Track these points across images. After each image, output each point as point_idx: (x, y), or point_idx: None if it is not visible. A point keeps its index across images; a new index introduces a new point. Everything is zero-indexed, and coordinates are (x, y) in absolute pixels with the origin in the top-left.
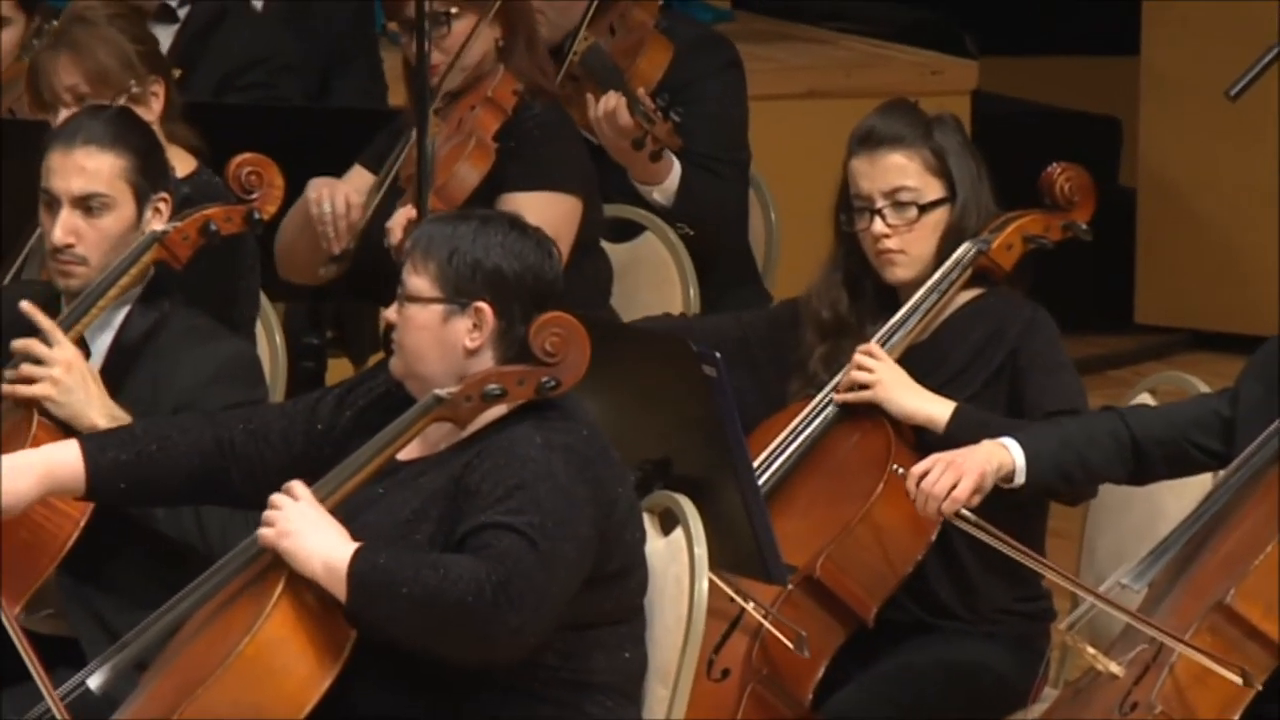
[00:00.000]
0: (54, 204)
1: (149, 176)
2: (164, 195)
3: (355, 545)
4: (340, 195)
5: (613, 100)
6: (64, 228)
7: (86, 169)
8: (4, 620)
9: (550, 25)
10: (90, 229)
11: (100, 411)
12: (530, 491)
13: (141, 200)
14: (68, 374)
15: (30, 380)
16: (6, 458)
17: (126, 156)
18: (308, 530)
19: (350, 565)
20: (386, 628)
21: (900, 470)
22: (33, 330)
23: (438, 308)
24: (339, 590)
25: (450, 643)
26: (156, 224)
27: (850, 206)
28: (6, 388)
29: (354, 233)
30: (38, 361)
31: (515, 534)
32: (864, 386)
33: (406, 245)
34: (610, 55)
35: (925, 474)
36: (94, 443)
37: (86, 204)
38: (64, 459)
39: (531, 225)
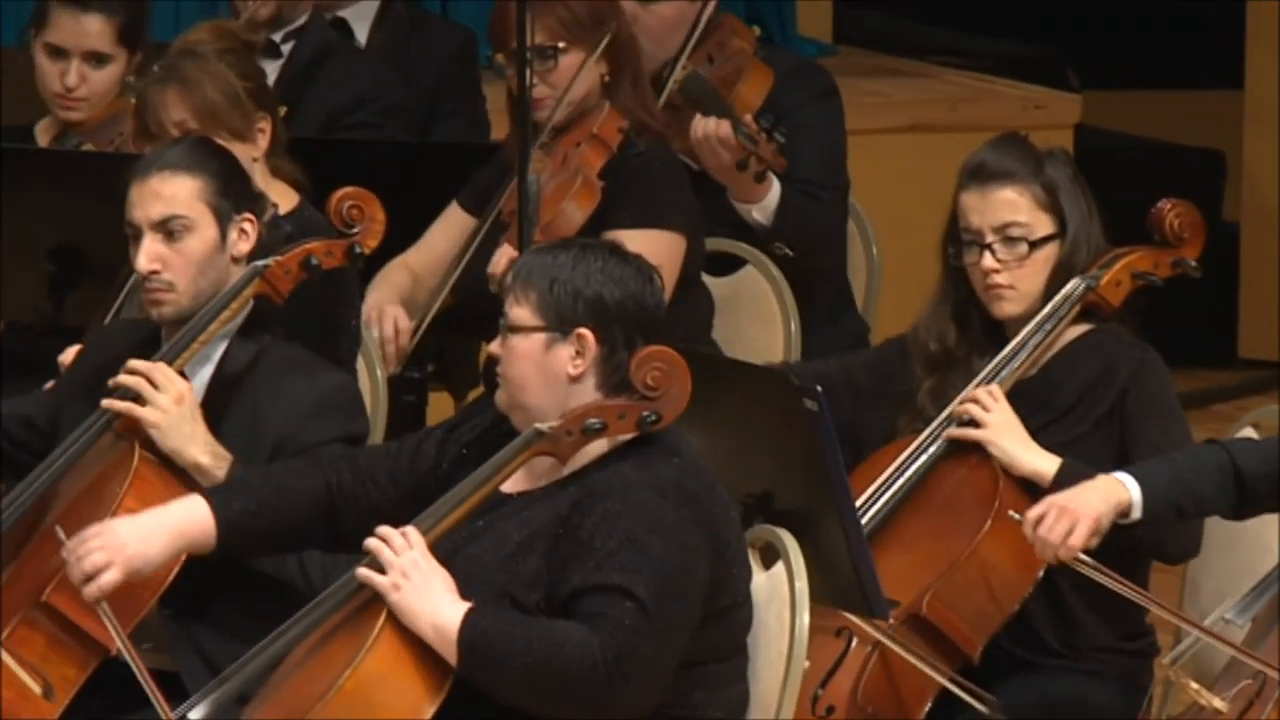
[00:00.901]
0: (138, 235)
1: (229, 197)
2: (248, 217)
3: (465, 608)
4: (390, 320)
5: (714, 122)
6: (147, 255)
7: (163, 194)
8: (125, 653)
9: (647, 57)
10: (174, 254)
11: (203, 448)
12: (642, 546)
13: (223, 221)
14: (177, 406)
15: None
16: (133, 523)
17: (202, 178)
18: (419, 586)
19: (460, 631)
20: (495, 694)
21: (1016, 517)
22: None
23: (540, 336)
24: (449, 654)
25: (561, 711)
26: (243, 245)
27: (959, 240)
28: (118, 410)
29: (403, 356)
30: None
31: (629, 600)
32: (975, 423)
33: (508, 278)
34: (710, 82)
35: (1041, 519)
36: (218, 496)
37: (167, 228)
38: (193, 516)
39: (632, 253)
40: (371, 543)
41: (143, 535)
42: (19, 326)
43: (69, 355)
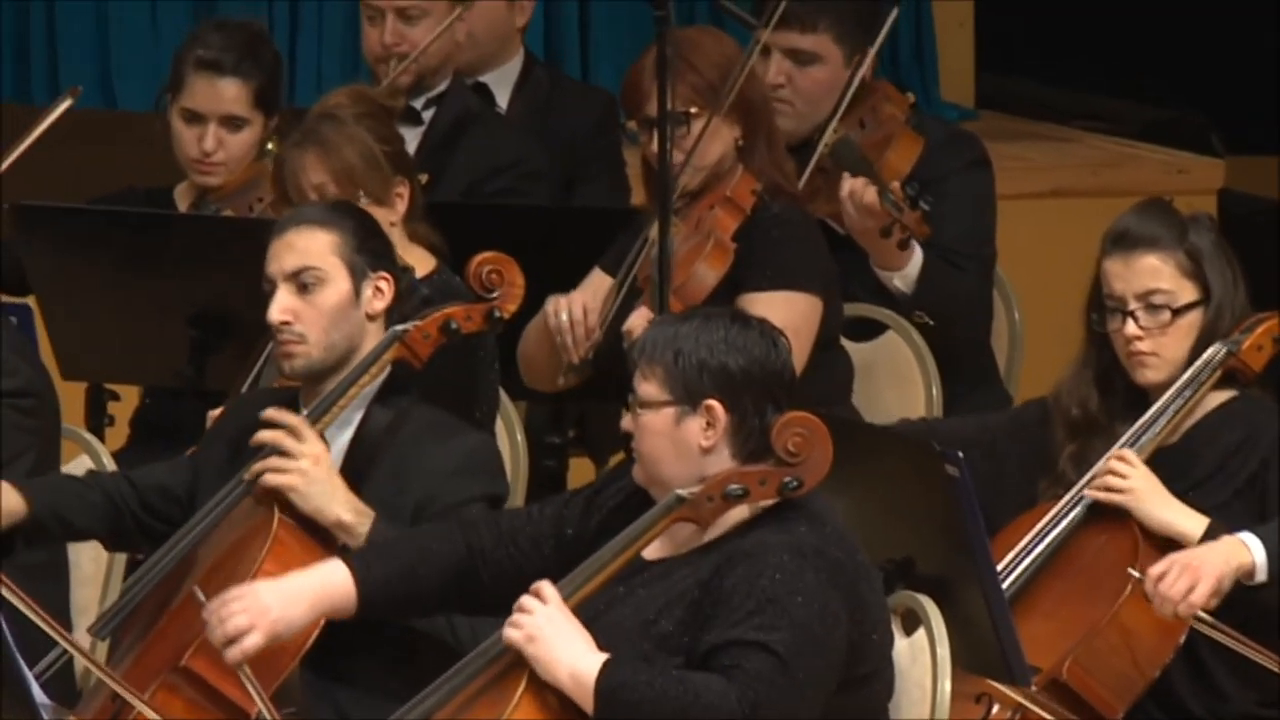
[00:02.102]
0: (273, 287)
1: (364, 253)
2: (384, 275)
3: (602, 657)
4: (578, 304)
5: (860, 184)
6: (280, 306)
7: (297, 246)
8: (267, 717)
9: (799, 118)
10: (306, 306)
11: (344, 505)
12: (782, 606)
13: (357, 277)
14: (315, 466)
15: (279, 471)
16: (276, 587)
17: (338, 232)
18: (556, 637)
19: (598, 680)
20: None
21: (1136, 574)
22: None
23: (669, 410)
24: (585, 703)
25: None
26: (377, 303)
27: (1102, 306)
28: (261, 473)
29: (592, 341)
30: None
31: (767, 653)
32: (1116, 489)
33: (633, 352)
34: (860, 148)
35: (1163, 576)
36: (359, 560)
37: (300, 280)
38: (334, 580)
39: (755, 317)
40: (515, 616)
41: (285, 599)
42: (160, 391)
43: (212, 418)
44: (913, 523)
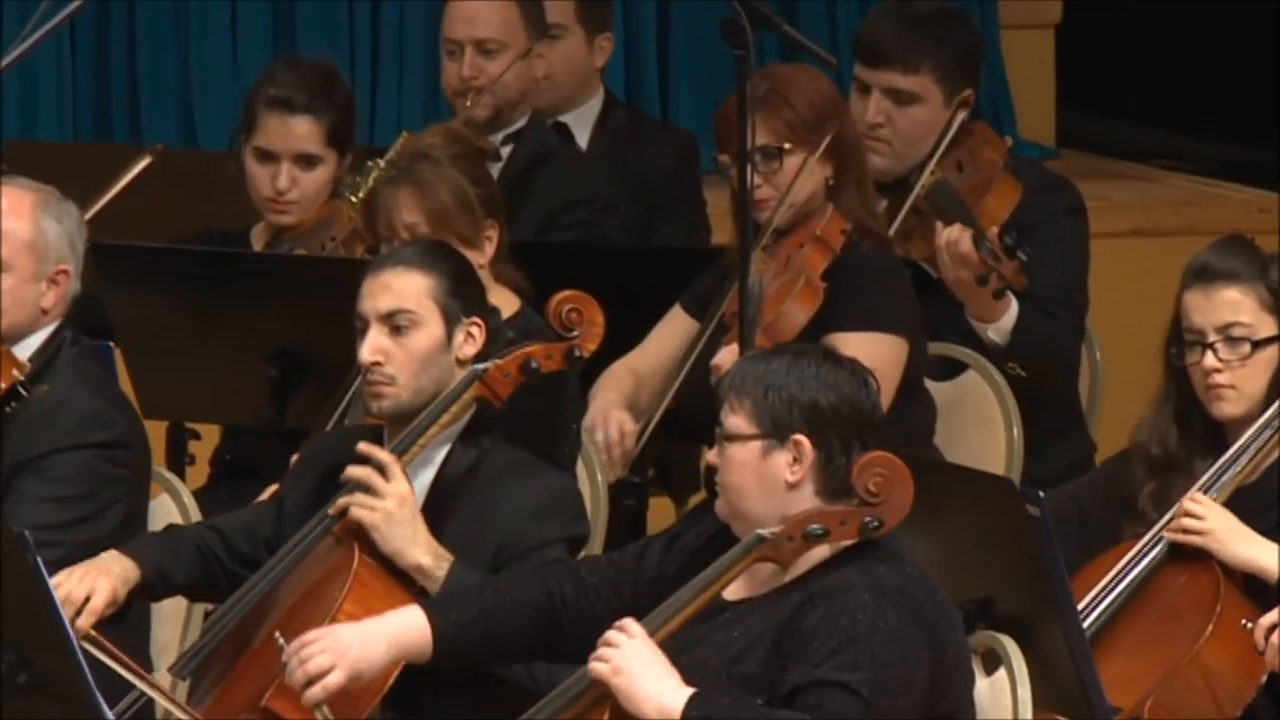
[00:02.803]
0: (365, 327)
1: (458, 298)
2: (476, 320)
3: (689, 691)
4: (614, 424)
5: (956, 231)
6: (371, 347)
7: (393, 287)
8: None
9: (896, 158)
10: (398, 348)
11: (424, 549)
12: (864, 646)
13: (450, 321)
14: (400, 508)
15: (365, 508)
16: (356, 628)
17: (434, 276)
18: (642, 671)
19: (684, 713)
20: None
21: (1248, 624)
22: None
23: (756, 444)
24: None
25: None
26: (468, 349)
27: (1182, 340)
28: (346, 508)
29: (628, 461)
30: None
31: (849, 694)
32: (1194, 531)
33: (723, 385)
34: (958, 191)
35: (1275, 626)
36: (438, 607)
37: (393, 321)
38: (411, 625)
39: (846, 356)
40: (602, 650)
41: (365, 639)
42: (240, 430)
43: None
44: (993, 562)
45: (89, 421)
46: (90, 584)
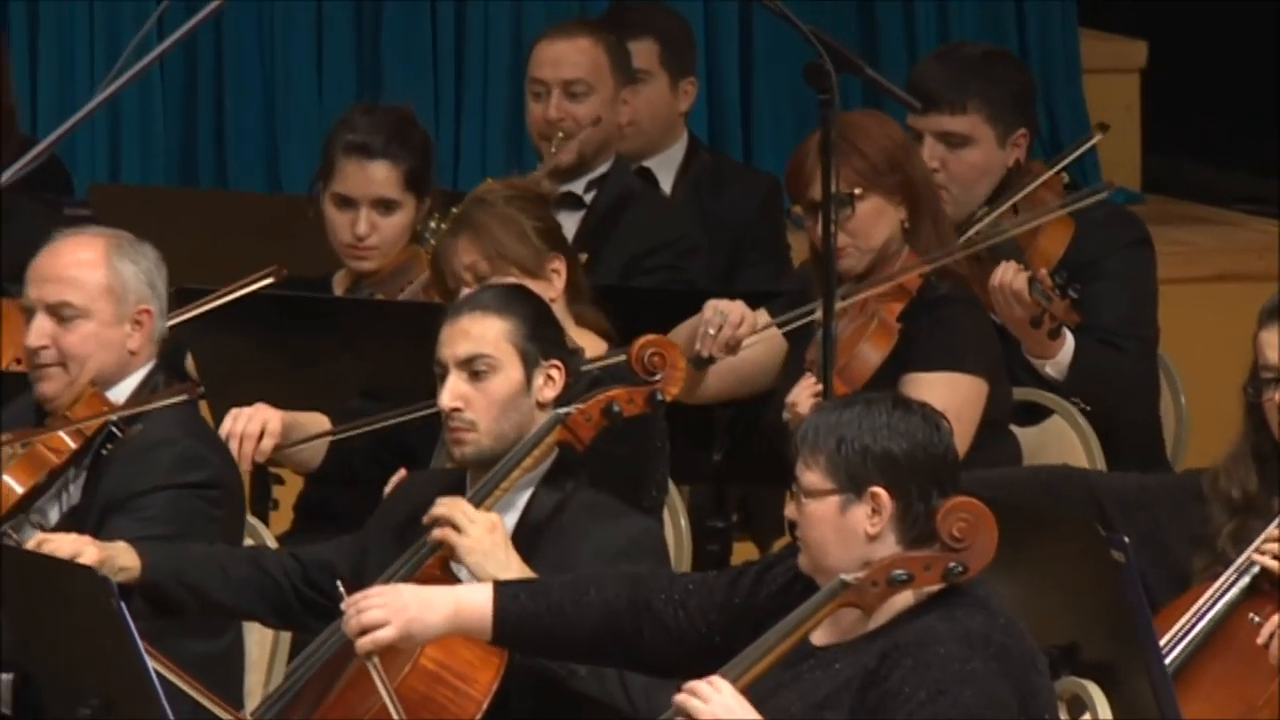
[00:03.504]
0: (444, 373)
1: (537, 342)
2: (555, 363)
3: None
4: (736, 311)
5: (1010, 273)
6: (451, 392)
7: (471, 333)
8: (391, 707)
9: (955, 203)
10: (477, 393)
11: (517, 575)
12: (953, 696)
13: (529, 365)
14: (490, 534)
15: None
16: (418, 589)
17: (511, 320)
18: None
19: None
20: None
21: None
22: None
23: (834, 499)
24: None
25: None
26: (548, 392)
27: (1258, 379)
28: (434, 548)
29: (732, 347)
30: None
31: None
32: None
33: (795, 440)
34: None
35: None
36: (507, 589)
37: (472, 367)
38: (474, 601)
39: (916, 401)
40: (680, 698)
41: (424, 604)
42: (322, 475)
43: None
44: (1077, 607)
45: (184, 462)
46: (78, 547)
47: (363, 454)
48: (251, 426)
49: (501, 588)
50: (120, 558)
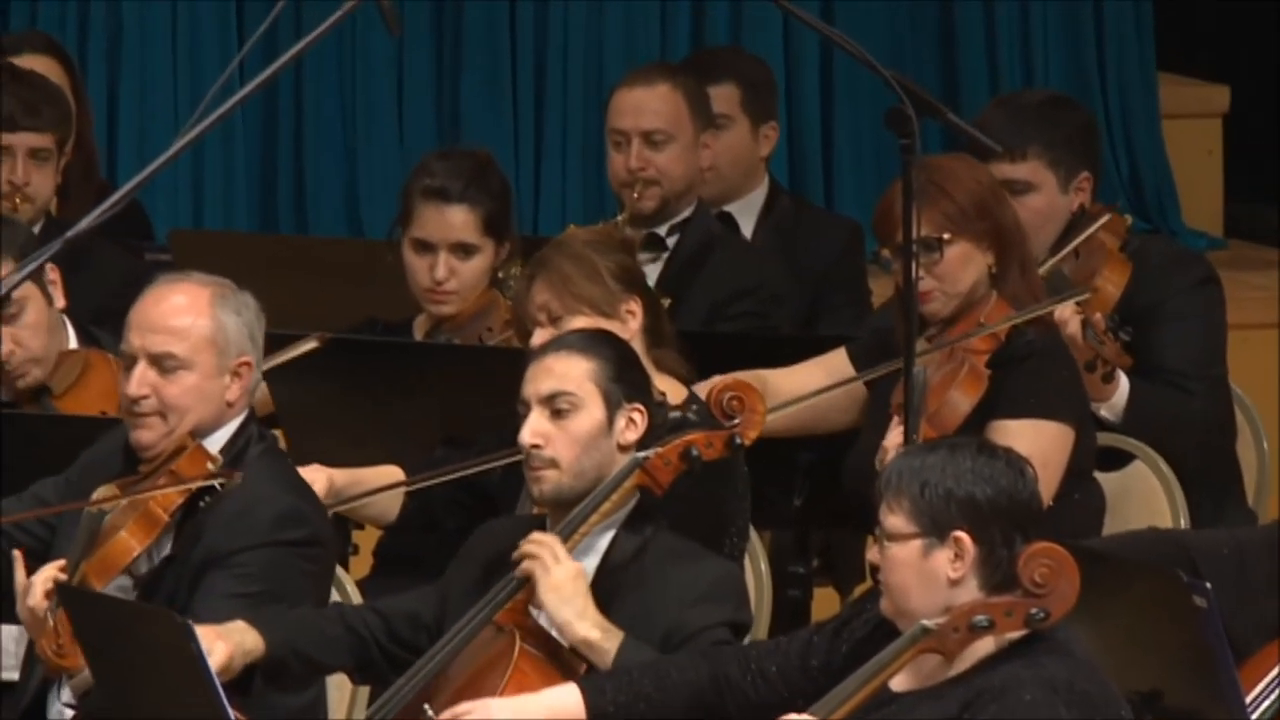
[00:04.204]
0: (526, 411)
1: (620, 384)
2: (638, 406)
3: None
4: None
5: (1068, 314)
6: (532, 429)
7: (555, 370)
8: None
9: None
10: (558, 431)
11: (593, 623)
12: None
13: (611, 406)
14: (570, 580)
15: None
16: (509, 702)
17: (596, 360)
18: None
19: None
20: None
21: None
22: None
23: (916, 543)
24: None
25: None
26: (630, 434)
27: None
28: (526, 564)
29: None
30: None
31: None
32: None
33: (879, 484)
34: (1069, 278)
35: None
36: (594, 686)
37: (554, 404)
38: (565, 703)
39: (1001, 446)
40: None
41: (517, 713)
42: (402, 524)
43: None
44: (1160, 653)
45: (283, 519)
46: (208, 645)
47: (442, 500)
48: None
49: (587, 684)
50: (245, 641)
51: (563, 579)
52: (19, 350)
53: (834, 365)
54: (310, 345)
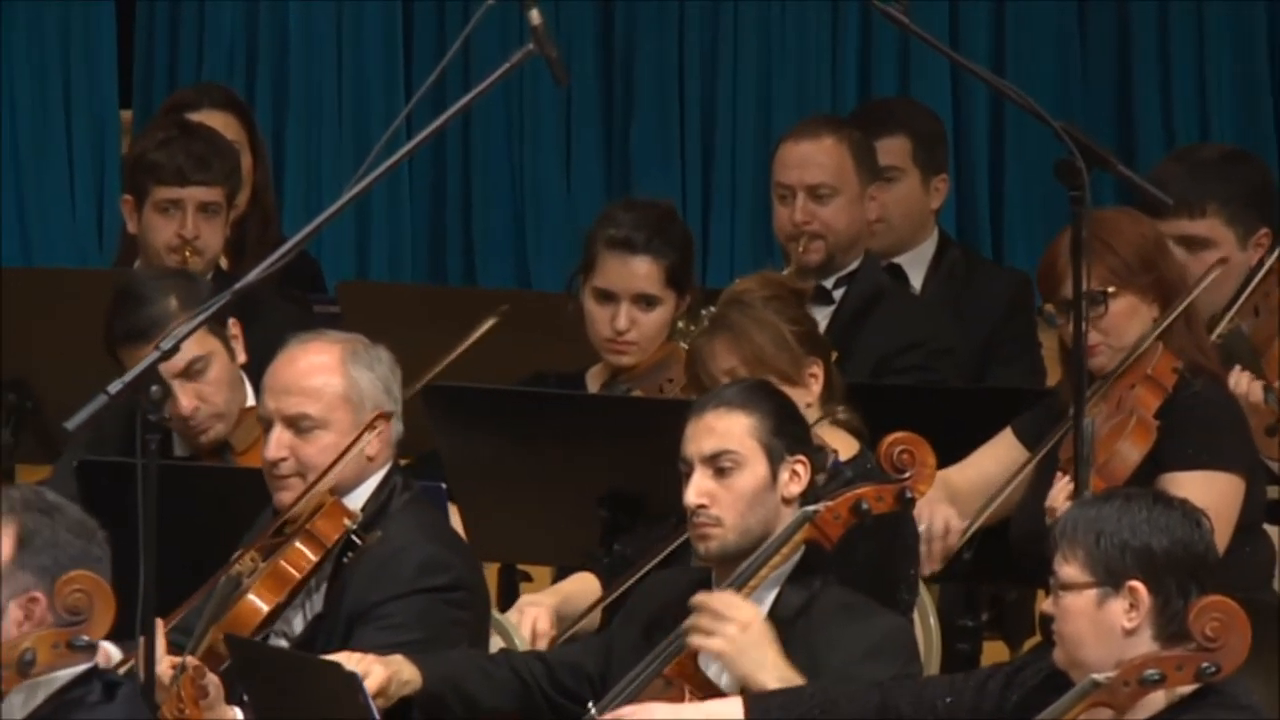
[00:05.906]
0: (689, 470)
1: (782, 437)
2: (800, 459)
3: None
4: (940, 518)
5: (1244, 382)
6: (696, 489)
7: (716, 429)
8: None
9: (1204, 304)
10: (723, 489)
11: (773, 675)
12: None
13: (774, 460)
14: (744, 632)
15: (708, 634)
16: (671, 707)
17: (756, 416)
18: None
19: None
20: None
21: None
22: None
23: (1091, 593)
24: None
25: None
26: (794, 487)
27: None
28: (683, 638)
29: (947, 556)
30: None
31: None
32: None
33: (1054, 535)
34: (1248, 339)
35: None
36: (758, 702)
37: (717, 463)
38: (727, 714)
39: (1177, 498)
40: None
41: (676, 714)
42: (572, 572)
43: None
44: None
45: (426, 567)
46: (365, 667)
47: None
48: (524, 631)
49: (752, 700)
50: (403, 671)
51: (731, 635)
52: (203, 406)
53: (1004, 449)
54: (491, 322)
